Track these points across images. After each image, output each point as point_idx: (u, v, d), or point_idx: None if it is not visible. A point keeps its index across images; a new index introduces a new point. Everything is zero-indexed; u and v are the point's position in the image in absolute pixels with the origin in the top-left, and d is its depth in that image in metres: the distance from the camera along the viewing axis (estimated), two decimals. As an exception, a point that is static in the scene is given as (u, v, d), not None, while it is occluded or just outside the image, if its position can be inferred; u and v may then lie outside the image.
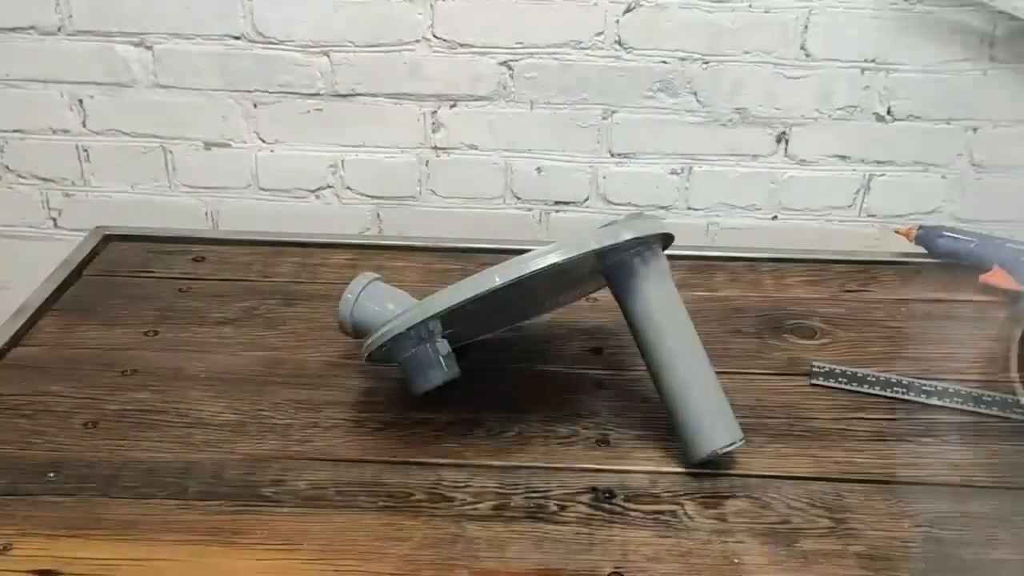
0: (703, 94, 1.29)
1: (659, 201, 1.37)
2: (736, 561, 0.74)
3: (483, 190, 1.37)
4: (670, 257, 0.87)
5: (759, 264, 1.17)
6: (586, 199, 1.37)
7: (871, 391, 0.93)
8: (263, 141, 1.36)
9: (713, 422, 0.83)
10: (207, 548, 0.75)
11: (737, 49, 1.26)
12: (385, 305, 0.90)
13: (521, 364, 0.99)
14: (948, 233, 1.14)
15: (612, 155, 1.34)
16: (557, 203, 1.38)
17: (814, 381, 0.95)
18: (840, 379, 0.95)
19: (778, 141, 1.32)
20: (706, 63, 1.27)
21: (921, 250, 1.16)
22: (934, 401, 0.92)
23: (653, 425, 0.89)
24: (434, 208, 1.39)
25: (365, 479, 0.82)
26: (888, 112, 1.29)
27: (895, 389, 0.93)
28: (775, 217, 1.37)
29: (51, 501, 0.79)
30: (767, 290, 1.12)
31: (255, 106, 1.34)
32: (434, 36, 1.27)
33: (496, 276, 0.78)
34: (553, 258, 0.78)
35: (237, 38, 1.29)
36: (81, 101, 1.35)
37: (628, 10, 1.24)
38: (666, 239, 0.87)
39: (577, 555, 0.74)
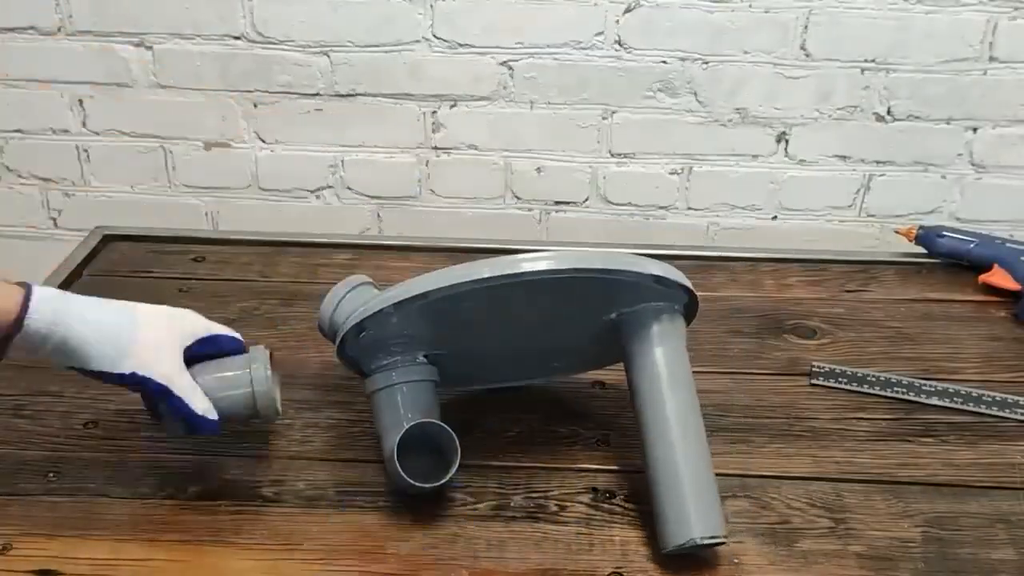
0: (703, 94, 1.29)
1: (659, 201, 1.37)
2: (736, 561, 0.74)
3: (483, 190, 1.37)
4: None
5: (759, 264, 1.17)
6: (586, 199, 1.37)
7: (871, 391, 0.93)
8: (263, 141, 1.36)
9: (700, 510, 0.72)
10: (207, 548, 0.75)
11: (737, 49, 1.26)
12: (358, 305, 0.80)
13: (521, 364, 0.99)
14: (948, 233, 1.14)
15: (612, 155, 1.34)
16: (557, 203, 1.38)
17: (814, 381, 0.95)
18: (840, 379, 0.94)
19: (778, 141, 1.32)
20: (706, 63, 1.27)
21: (921, 250, 1.16)
22: (934, 401, 0.92)
23: (653, 425, 0.88)
24: (434, 208, 1.39)
25: (365, 479, 0.82)
26: (888, 112, 1.29)
27: (895, 389, 0.93)
28: (775, 217, 1.37)
29: (51, 501, 0.79)
30: (767, 290, 1.11)
31: (255, 106, 1.34)
32: (434, 36, 1.27)
33: (483, 270, 0.70)
34: (543, 264, 0.70)
35: (237, 38, 1.29)
36: (81, 101, 1.35)
37: (628, 10, 1.24)
38: (690, 306, 0.80)
39: (577, 555, 0.74)
